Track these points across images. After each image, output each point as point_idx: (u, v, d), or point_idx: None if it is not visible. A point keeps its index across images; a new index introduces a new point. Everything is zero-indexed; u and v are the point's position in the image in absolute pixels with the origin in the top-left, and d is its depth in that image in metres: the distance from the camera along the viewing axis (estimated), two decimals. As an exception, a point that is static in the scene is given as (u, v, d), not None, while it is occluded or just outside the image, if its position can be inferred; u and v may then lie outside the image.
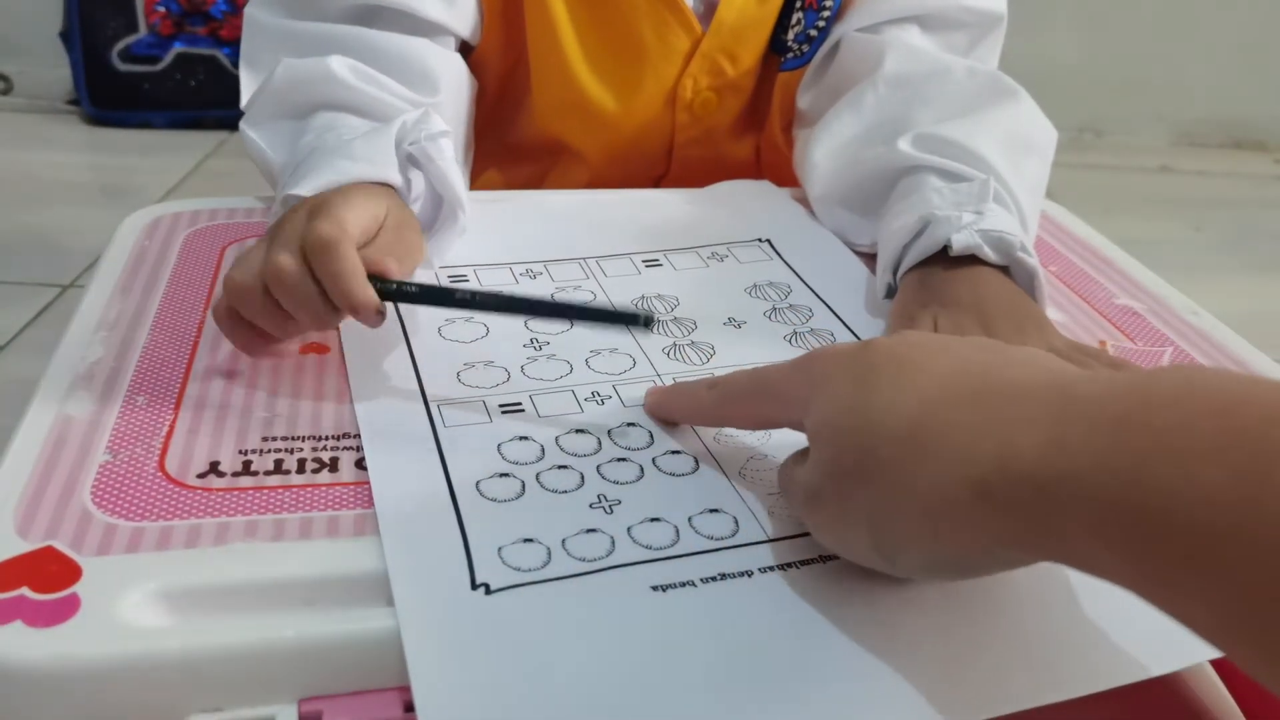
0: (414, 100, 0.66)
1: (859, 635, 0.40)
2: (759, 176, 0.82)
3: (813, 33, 0.76)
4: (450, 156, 0.61)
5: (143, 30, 1.97)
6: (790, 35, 0.77)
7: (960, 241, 0.58)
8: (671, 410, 0.51)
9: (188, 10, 1.97)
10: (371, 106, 0.65)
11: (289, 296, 0.50)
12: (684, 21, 0.75)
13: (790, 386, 0.43)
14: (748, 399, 0.46)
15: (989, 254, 0.59)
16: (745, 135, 0.83)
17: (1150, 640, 0.41)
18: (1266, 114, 2.13)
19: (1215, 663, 0.47)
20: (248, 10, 0.71)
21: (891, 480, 0.37)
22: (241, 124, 0.68)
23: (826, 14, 0.76)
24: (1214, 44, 2.08)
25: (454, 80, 0.71)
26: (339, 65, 0.65)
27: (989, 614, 0.42)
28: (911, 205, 0.63)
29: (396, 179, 0.59)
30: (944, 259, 0.60)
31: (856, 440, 0.38)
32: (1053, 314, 0.61)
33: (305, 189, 0.56)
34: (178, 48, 1.98)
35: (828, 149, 0.72)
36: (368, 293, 0.49)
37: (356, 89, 0.64)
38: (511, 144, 0.65)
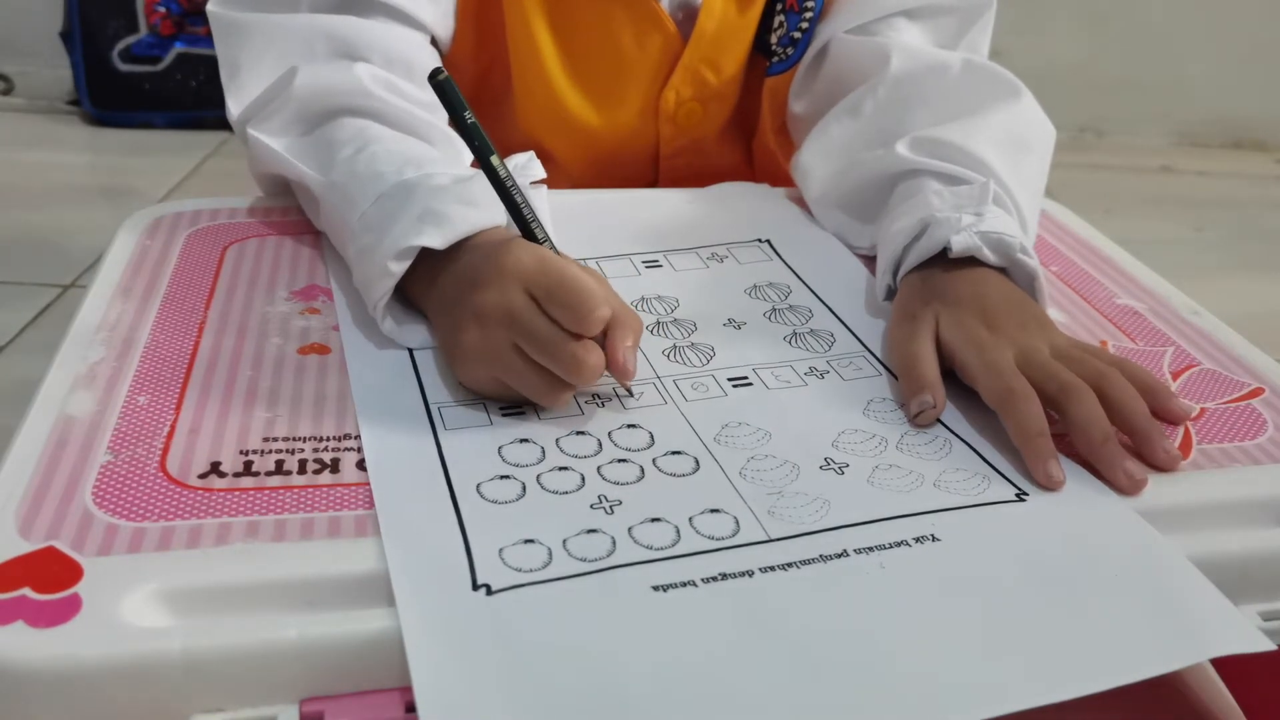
0: (429, 103, 0.66)
1: (859, 635, 0.40)
2: (751, 181, 0.82)
3: (796, 35, 0.75)
4: (545, 204, 0.61)
5: (143, 30, 1.97)
6: (774, 39, 0.76)
7: (960, 243, 0.58)
8: None
9: (188, 10, 1.97)
10: (398, 117, 0.64)
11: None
12: (664, 33, 0.74)
13: None
14: None
15: (989, 256, 0.59)
16: (733, 142, 0.83)
17: (1151, 640, 0.41)
18: (1267, 114, 2.12)
19: (1216, 662, 0.47)
20: (211, 10, 0.68)
21: None
22: (249, 128, 0.67)
23: (809, 15, 0.75)
24: (1214, 44, 2.08)
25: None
26: (367, 75, 0.64)
27: (989, 614, 0.42)
28: (911, 208, 0.63)
29: (505, 221, 0.57)
30: (944, 261, 0.60)
31: None
32: (1054, 314, 0.61)
33: (437, 241, 0.54)
34: (178, 48, 1.98)
35: (825, 152, 0.72)
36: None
37: (385, 100, 0.64)
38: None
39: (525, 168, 0.61)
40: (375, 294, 0.56)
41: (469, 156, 0.66)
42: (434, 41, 0.73)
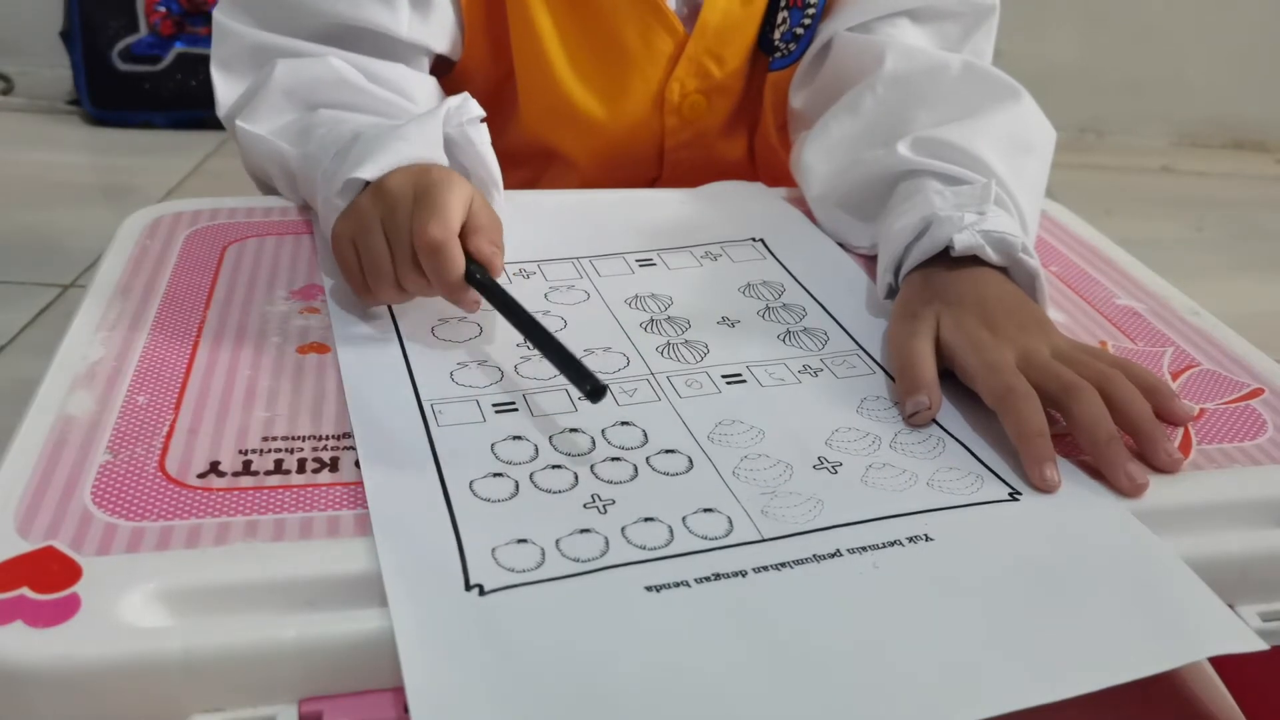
0: (406, 110, 0.67)
1: (854, 635, 0.40)
2: (753, 177, 0.82)
3: (799, 30, 0.76)
4: (487, 141, 0.64)
5: (143, 30, 1.97)
6: (777, 34, 0.77)
7: (963, 242, 0.59)
8: None
9: (188, 10, 1.97)
10: (376, 106, 0.67)
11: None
12: (668, 25, 0.75)
13: None
14: None
15: (991, 255, 0.59)
16: (737, 136, 0.83)
17: (1143, 639, 0.41)
18: (1267, 114, 2.13)
19: (1215, 662, 0.47)
20: (217, 15, 0.71)
21: None
22: (237, 121, 0.69)
23: (812, 11, 0.76)
24: (1214, 44, 2.08)
25: (430, 100, 0.72)
26: (342, 65, 0.67)
27: (983, 613, 0.42)
28: (913, 206, 0.63)
29: (445, 160, 0.61)
30: (946, 260, 0.60)
31: None
32: (1054, 314, 0.61)
33: (368, 172, 0.58)
34: (179, 48, 1.98)
35: (825, 151, 0.72)
36: (471, 294, 0.56)
37: (363, 89, 0.67)
38: (501, 152, 0.65)
39: (463, 108, 0.64)
40: (327, 230, 0.61)
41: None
42: (441, 58, 0.74)
